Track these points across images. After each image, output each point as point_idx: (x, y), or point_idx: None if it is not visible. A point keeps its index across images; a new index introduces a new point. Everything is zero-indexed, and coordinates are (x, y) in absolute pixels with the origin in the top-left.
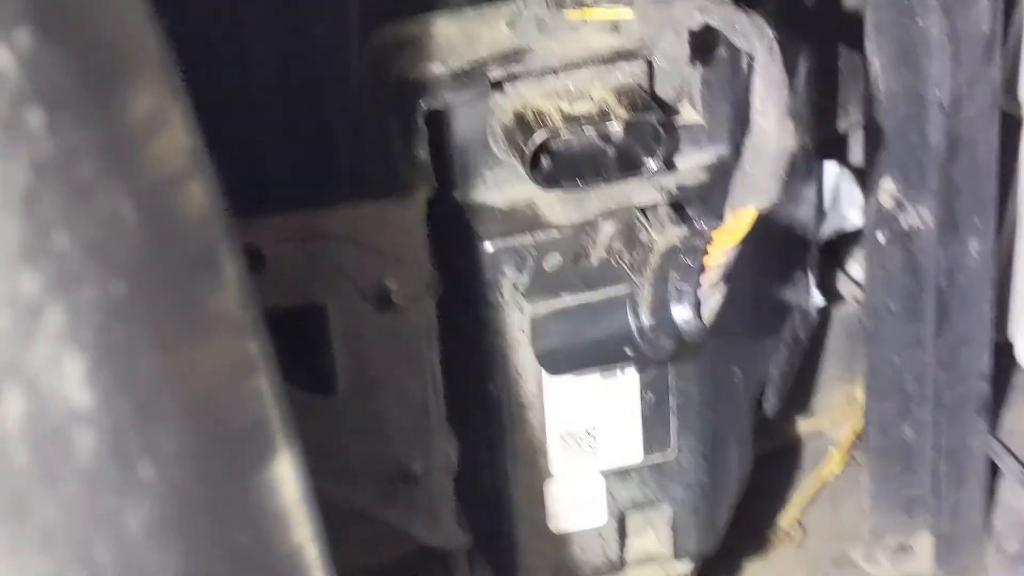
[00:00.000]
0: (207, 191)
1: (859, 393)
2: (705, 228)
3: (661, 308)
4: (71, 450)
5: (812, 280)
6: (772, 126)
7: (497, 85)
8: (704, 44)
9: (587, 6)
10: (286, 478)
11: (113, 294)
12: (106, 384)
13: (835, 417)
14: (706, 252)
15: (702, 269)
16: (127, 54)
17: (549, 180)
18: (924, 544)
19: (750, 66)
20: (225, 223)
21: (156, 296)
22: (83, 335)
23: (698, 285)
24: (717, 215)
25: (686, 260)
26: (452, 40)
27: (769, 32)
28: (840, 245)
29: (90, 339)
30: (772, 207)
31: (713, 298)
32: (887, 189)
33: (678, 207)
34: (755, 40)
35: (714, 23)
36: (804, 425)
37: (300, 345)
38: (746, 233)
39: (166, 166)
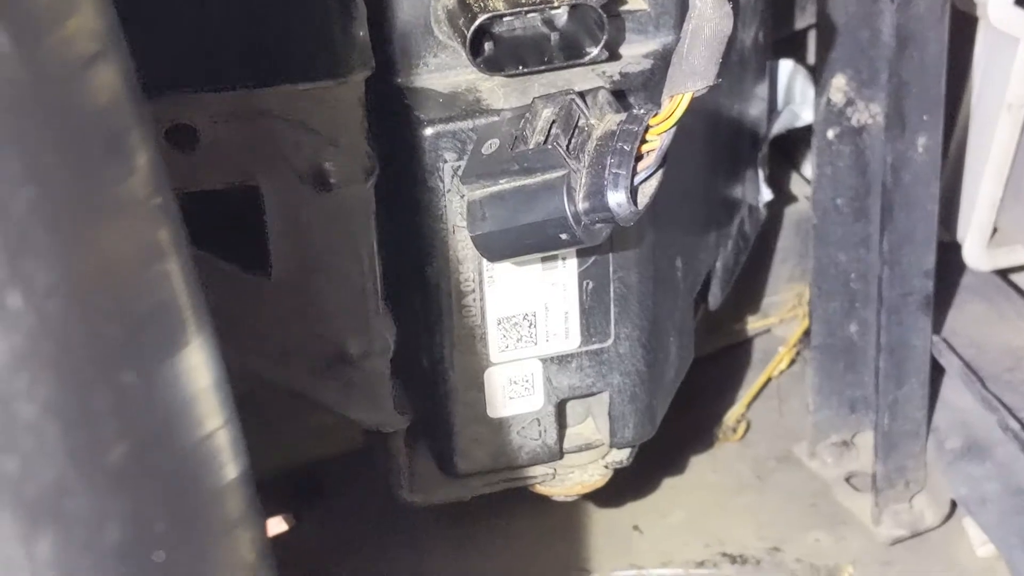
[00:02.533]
0: (119, 75)
1: (808, 292)
2: (643, 113)
3: (596, 193)
4: None
5: (762, 176)
6: (710, 9)
7: None
8: None
9: None
10: (196, 365)
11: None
12: None
13: (784, 316)
14: (643, 138)
15: (639, 154)
16: None
17: (491, 65)
18: (866, 442)
19: None
20: (138, 108)
21: (53, 174)
22: None
23: (634, 171)
24: (659, 101)
25: (622, 145)
26: None
27: None
28: (794, 145)
29: None
30: (712, 99)
31: (649, 183)
32: (838, 85)
33: (619, 94)
34: None
35: None
36: (753, 323)
37: (236, 225)
38: (682, 117)
39: (73, 50)
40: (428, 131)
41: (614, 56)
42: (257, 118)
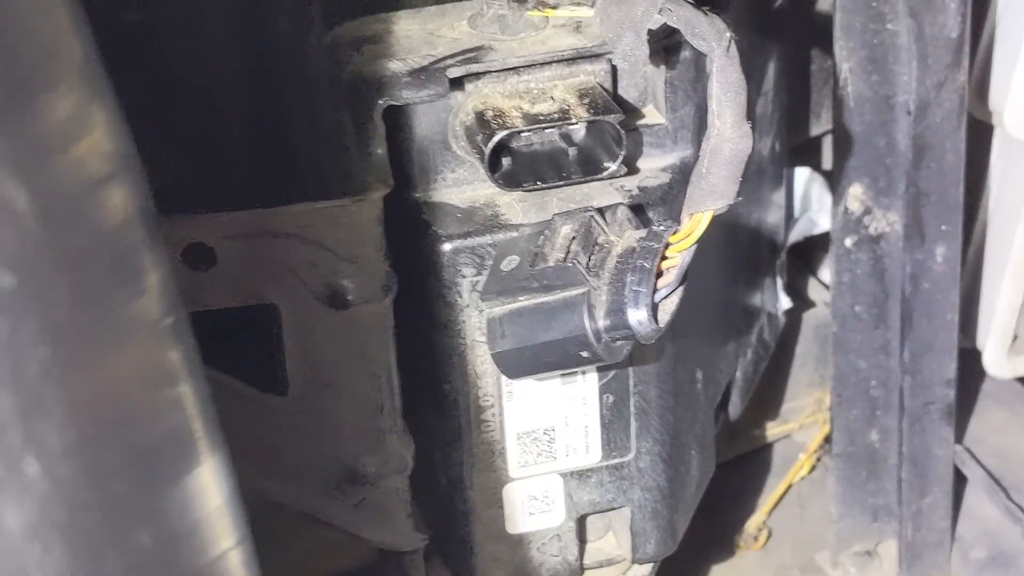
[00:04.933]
0: (130, 196)
1: (828, 398)
2: (663, 230)
3: (616, 311)
4: None
5: (781, 284)
6: (729, 129)
7: (458, 83)
8: (667, 45)
9: (549, 6)
10: (208, 485)
11: (5, 287)
12: None
13: (804, 422)
14: (663, 255)
15: (659, 272)
16: (44, 60)
17: (509, 180)
18: (889, 551)
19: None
20: (150, 228)
21: (58, 297)
22: None
23: (654, 288)
24: (679, 216)
25: (642, 262)
26: (413, 37)
27: (728, 34)
28: (812, 250)
29: None
30: (730, 209)
31: (670, 301)
32: (855, 194)
33: (638, 208)
34: (713, 42)
35: (673, 23)
36: (773, 429)
37: (252, 343)
38: (702, 235)
39: (84, 171)
40: (447, 246)
41: (632, 170)
42: (273, 237)
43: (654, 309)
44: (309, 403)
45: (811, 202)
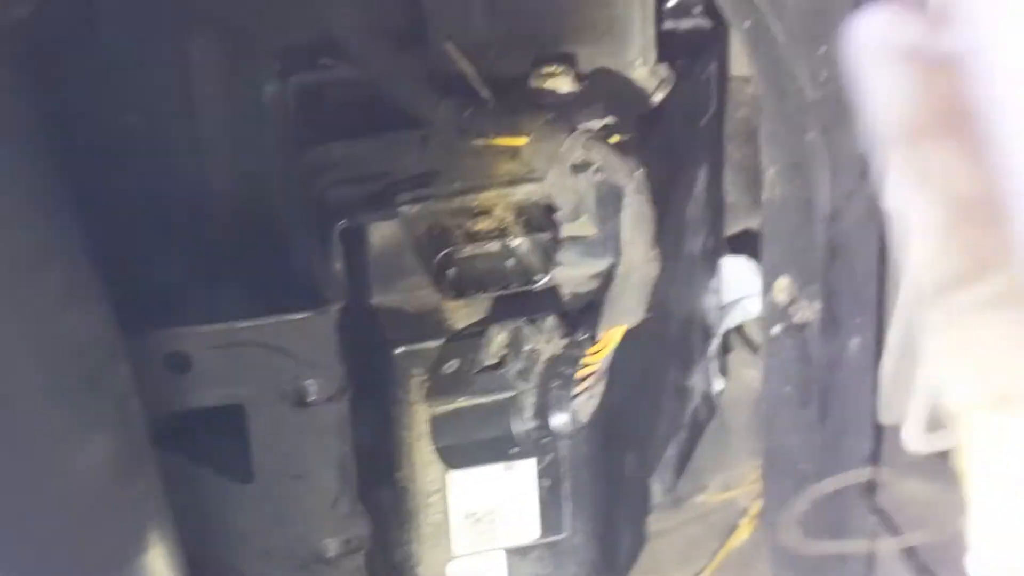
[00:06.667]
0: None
1: None
2: (583, 339)
3: (541, 413)
4: None
5: (714, 367)
6: (638, 257)
7: (409, 203)
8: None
9: (488, 136)
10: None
11: None
12: None
13: (746, 487)
14: (583, 363)
15: (579, 378)
16: None
17: (454, 290)
18: None
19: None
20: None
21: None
22: None
23: (575, 393)
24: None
25: (565, 369)
26: (370, 163)
27: (637, 172)
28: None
29: None
30: (659, 303)
31: (589, 402)
32: (781, 286)
33: (568, 311)
34: (624, 179)
35: (591, 159)
36: (716, 496)
37: (221, 436)
38: (615, 346)
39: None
40: (397, 350)
41: (562, 279)
42: (243, 346)
43: (574, 412)
44: (274, 491)
45: (745, 289)
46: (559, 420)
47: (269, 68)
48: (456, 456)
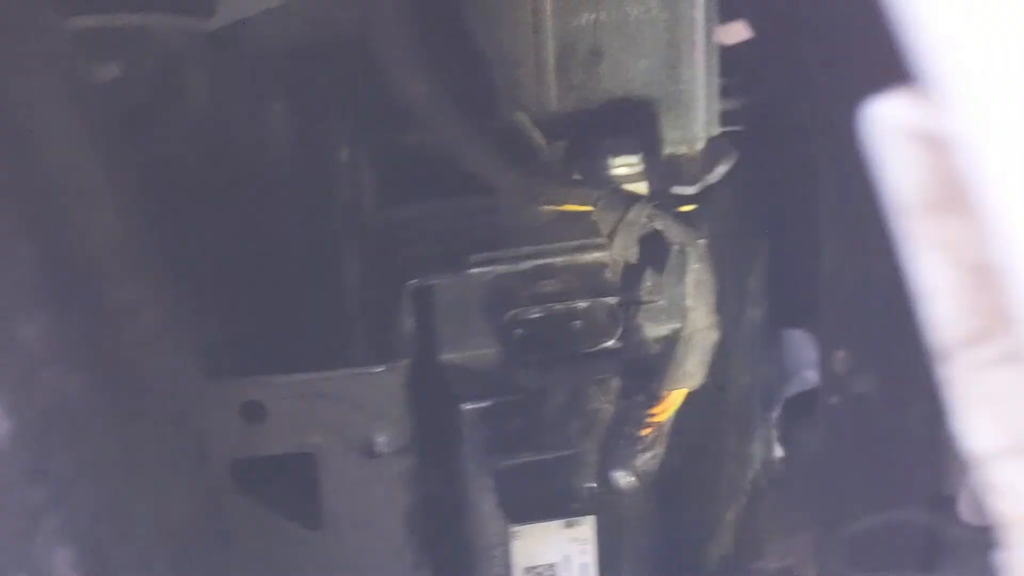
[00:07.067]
0: None
1: None
2: (645, 400)
3: (603, 471)
4: None
5: (775, 434)
6: (701, 322)
7: (478, 264)
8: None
9: (557, 202)
10: None
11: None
12: None
13: (804, 554)
14: (645, 423)
15: (640, 437)
16: None
17: (520, 351)
18: None
19: None
20: None
21: None
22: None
23: (637, 452)
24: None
25: (627, 429)
26: (441, 225)
27: (700, 241)
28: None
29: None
30: (720, 371)
31: (650, 462)
32: (839, 357)
33: (632, 373)
34: (688, 247)
35: (657, 227)
36: (773, 563)
37: (292, 485)
38: (677, 408)
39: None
40: (465, 407)
41: (627, 343)
42: (316, 397)
43: (636, 470)
44: (341, 539)
45: (806, 360)
46: (620, 478)
47: (343, 133)
48: (518, 511)
